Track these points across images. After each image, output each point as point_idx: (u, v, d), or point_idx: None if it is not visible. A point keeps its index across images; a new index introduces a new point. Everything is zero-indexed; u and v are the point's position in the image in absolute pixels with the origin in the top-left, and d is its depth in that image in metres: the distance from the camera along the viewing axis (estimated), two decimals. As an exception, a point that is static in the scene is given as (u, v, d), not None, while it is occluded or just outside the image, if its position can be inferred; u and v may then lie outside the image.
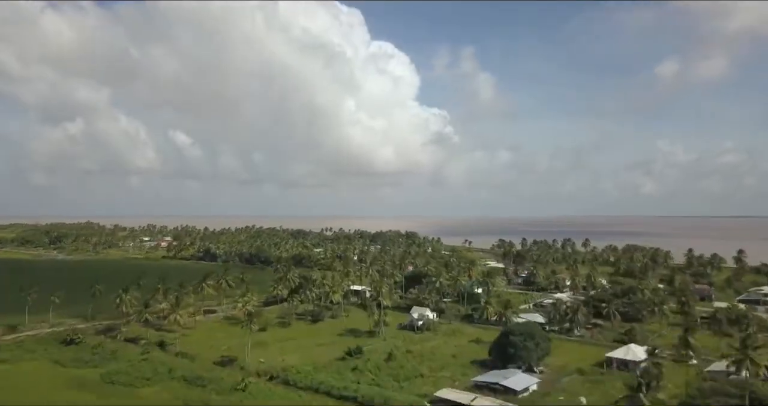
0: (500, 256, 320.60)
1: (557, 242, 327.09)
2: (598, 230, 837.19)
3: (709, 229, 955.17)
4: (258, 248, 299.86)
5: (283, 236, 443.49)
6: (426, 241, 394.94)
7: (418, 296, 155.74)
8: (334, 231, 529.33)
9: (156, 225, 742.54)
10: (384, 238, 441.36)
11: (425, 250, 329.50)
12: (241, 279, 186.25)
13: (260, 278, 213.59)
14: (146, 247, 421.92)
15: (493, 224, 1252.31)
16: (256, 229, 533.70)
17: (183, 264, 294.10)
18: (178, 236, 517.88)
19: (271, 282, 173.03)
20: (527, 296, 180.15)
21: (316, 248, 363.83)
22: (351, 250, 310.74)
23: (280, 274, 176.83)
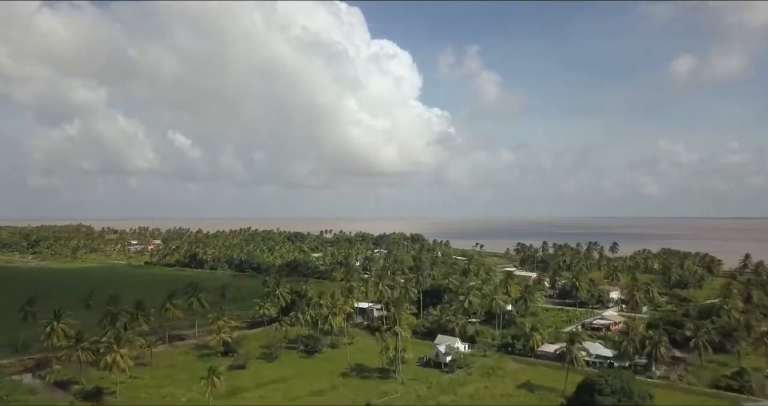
0: (518, 261, 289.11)
1: (581, 246, 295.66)
2: (610, 231, 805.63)
3: (734, 230, 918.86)
4: (249, 253, 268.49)
5: (279, 240, 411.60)
6: (435, 244, 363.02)
7: (440, 316, 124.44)
8: (334, 234, 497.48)
9: (148, 227, 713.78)
10: (388, 241, 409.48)
11: (435, 255, 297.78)
12: (221, 294, 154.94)
13: (248, 290, 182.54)
14: (131, 251, 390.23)
15: (498, 225, 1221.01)
16: (251, 231, 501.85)
17: (163, 272, 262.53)
18: (168, 239, 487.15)
19: (257, 299, 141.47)
20: (568, 313, 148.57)
21: (314, 252, 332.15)
22: (353, 255, 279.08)
23: (268, 287, 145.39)
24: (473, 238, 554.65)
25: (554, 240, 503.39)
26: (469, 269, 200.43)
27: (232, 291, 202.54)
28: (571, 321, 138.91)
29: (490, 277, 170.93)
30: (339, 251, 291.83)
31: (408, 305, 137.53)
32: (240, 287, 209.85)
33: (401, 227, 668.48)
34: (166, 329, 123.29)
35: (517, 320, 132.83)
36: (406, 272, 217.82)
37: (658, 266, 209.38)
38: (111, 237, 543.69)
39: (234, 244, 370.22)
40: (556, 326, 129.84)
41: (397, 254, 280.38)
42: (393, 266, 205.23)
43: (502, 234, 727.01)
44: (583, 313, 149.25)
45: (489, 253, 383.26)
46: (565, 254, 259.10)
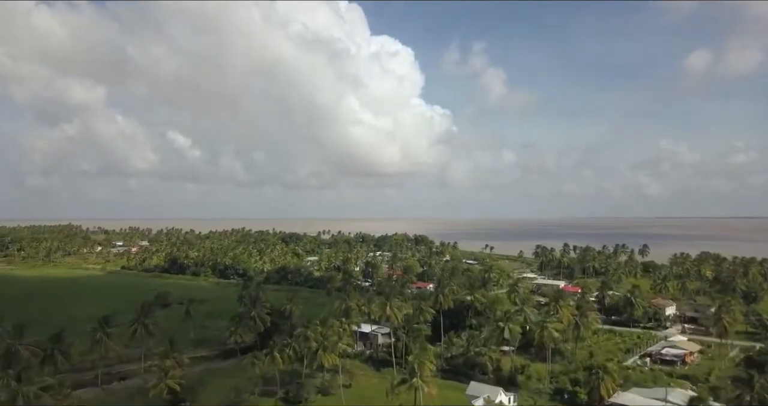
0: (537, 265, 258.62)
1: (608, 248, 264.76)
2: (623, 232, 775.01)
3: (755, 231, 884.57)
4: (235, 257, 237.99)
5: (273, 241, 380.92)
6: (443, 247, 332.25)
7: (466, 347, 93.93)
8: (333, 234, 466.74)
9: (139, 228, 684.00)
10: (390, 242, 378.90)
11: (445, 259, 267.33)
12: (186, 312, 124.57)
13: (229, 302, 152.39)
14: (112, 254, 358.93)
15: (502, 225, 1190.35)
16: (244, 232, 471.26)
17: (136, 280, 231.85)
18: (155, 240, 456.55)
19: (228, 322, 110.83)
20: (623, 338, 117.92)
21: (310, 255, 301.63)
22: (352, 259, 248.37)
23: (244, 306, 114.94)
24: (480, 239, 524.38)
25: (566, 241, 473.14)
26: (488, 278, 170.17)
27: (210, 304, 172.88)
28: (630, 349, 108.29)
29: (517, 290, 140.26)
30: (337, 255, 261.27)
31: (423, 326, 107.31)
32: (220, 299, 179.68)
33: (403, 227, 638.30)
34: (99, 365, 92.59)
35: (565, 350, 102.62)
36: (414, 279, 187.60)
37: (709, 274, 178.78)
38: (97, 238, 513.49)
39: (223, 246, 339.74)
40: (617, 360, 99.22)
41: (403, 257, 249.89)
42: (399, 277, 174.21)
43: (510, 235, 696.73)
44: (641, 336, 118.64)
45: (500, 255, 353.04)
46: (594, 258, 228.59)
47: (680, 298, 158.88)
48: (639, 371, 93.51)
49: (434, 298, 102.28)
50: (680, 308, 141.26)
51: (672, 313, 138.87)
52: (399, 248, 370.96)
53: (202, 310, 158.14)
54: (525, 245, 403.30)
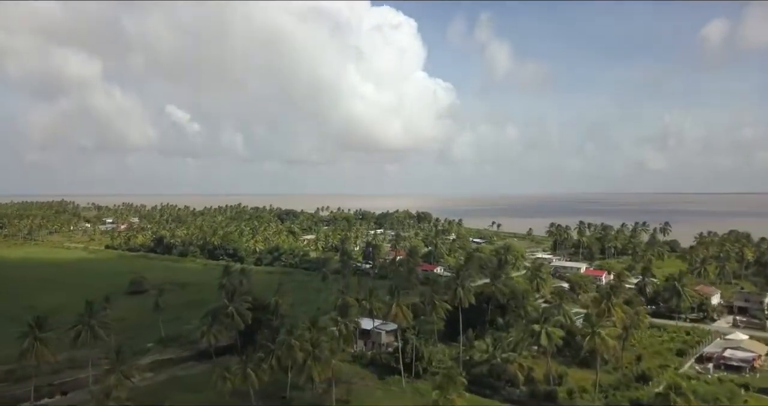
0: (551, 245, 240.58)
1: (627, 227, 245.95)
2: (633, 208, 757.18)
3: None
4: (224, 236, 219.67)
5: (268, 218, 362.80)
6: (448, 225, 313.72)
7: (492, 353, 75.81)
8: (332, 211, 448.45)
9: (133, 203, 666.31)
10: (391, 220, 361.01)
11: (450, 237, 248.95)
12: (155, 305, 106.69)
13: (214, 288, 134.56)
14: (100, 231, 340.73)
15: (505, 201, 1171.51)
16: (239, 208, 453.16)
17: (116, 261, 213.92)
18: (147, 216, 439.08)
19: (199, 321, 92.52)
20: (671, 334, 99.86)
21: (307, 233, 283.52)
22: (351, 238, 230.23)
23: (221, 301, 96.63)
24: (485, 216, 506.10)
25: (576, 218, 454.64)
26: (504, 260, 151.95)
27: (191, 291, 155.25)
28: (682, 351, 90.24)
29: (540, 276, 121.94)
30: (335, 234, 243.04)
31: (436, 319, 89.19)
32: (204, 284, 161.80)
33: (404, 203, 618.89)
34: (40, 372, 74.65)
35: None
36: (420, 261, 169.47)
37: (751, 256, 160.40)
38: (88, 215, 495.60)
39: (216, 223, 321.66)
40: (674, 366, 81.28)
41: (406, 236, 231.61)
42: (404, 259, 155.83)
43: (516, 211, 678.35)
44: (690, 332, 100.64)
45: (508, 233, 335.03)
46: (616, 237, 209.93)
47: (719, 284, 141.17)
48: (704, 381, 75.68)
49: (452, 292, 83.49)
50: (726, 297, 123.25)
51: (717, 302, 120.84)
52: (401, 226, 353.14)
53: (182, 298, 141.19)
54: (533, 222, 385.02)
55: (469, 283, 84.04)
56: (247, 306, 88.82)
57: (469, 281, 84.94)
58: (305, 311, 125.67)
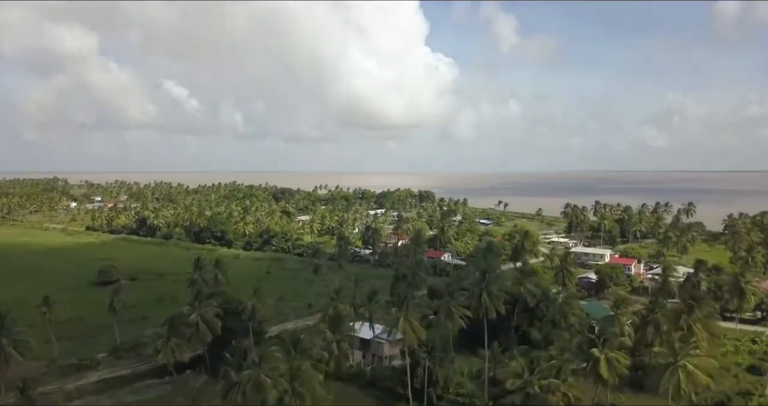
0: (565, 228, 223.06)
1: (647, 207, 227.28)
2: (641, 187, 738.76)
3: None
4: (211, 218, 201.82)
5: (263, 197, 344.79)
6: (454, 205, 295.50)
7: (526, 379, 58.39)
8: (330, 190, 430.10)
9: (126, 181, 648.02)
10: (392, 199, 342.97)
11: (456, 219, 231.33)
12: (109, 306, 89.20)
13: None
14: (84, 211, 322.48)
15: (509, 179, 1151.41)
16: (232, 187, 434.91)
17: (92, 246, 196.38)
18: (137, 195, 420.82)
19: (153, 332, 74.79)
20: (735, 342, 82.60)
21: (302, 213, 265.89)
22: (349, 221, 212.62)
23: (192, 294, 79.32)
24: (490, 195, 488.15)
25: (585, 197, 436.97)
26: (522, 247, 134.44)
27: (167, 282, 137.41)
28: (756, 367, 73.10)
29: (568, 269, 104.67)
30: (332, 215, 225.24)
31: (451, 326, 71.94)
32: (183, 274, 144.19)
33: (405, 181, 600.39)
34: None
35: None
36: (426, 247, 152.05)
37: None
38: (77, 193, 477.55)
39: (206, 202, 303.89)
40: (758, 393, 64.09)
41: (408, 217, 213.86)
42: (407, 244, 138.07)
43: (521, 190, 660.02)
44: (758, 340, 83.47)
45: (515, 213, 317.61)
46: (641, 220, 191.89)
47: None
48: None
49: (476, 299, 65.61)
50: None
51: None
52: (402, 206, 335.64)
53: (154, 291, 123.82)
54: (542, 201, 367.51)
55: (497, 287, 66.08)
56: (217, 312, 71.33)
57: (498, 284, 67.01)
58: (295, 308, 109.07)
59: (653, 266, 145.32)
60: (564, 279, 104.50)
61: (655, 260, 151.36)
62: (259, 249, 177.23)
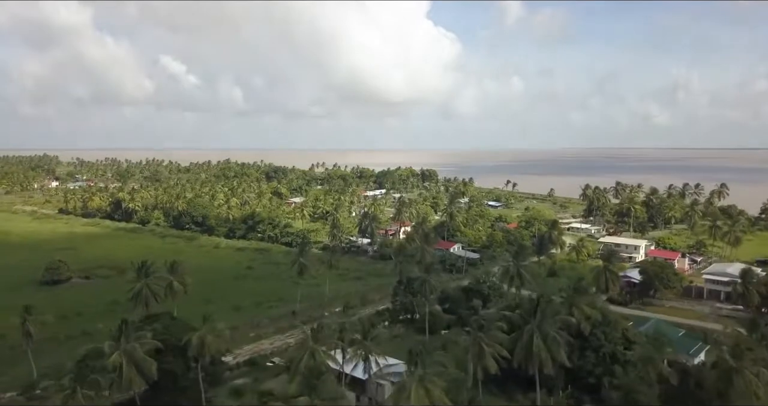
0: (584, 212, 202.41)
1: (674, 188, 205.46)
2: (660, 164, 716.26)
3: None
4: (191, 202, 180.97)
5: (256, 176, 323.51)
6: (462, 185, 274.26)
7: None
8: (326, 168, 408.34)
9: (116, 158, 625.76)
10: (392, 178, 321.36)
11: (464, 201, 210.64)
12: (26, 332, 68.59)
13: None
14: (64, 191, 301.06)
15: (512, 157, 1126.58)
16: (223, 165, 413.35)
17: (48, 235, 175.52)
18: (124, 174, 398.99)
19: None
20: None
21: (295, 194, 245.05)
22: (346, 203, 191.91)
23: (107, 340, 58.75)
24: (496, 173, 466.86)
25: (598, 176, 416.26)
26: (549, 239, 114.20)
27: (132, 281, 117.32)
28: None
29: (611, 269, 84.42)
30: (327, 197, 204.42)
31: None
32: None
33: (406, 159, 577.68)
34: None
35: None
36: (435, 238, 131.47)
37: None
38: (62, 170, 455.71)
39: (196, 181, 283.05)
40: None
41: (411, 200, 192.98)
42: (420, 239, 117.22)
43: (528, 168, 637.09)
44: None
45: (524, 194, 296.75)
46: (675, 204, 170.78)
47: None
48: None
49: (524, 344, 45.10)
50: None
51: None
52: (404, 186, 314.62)
53: (107, 295, 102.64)
54: (552, 181, 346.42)
55: (555, 326, 45.65)
56: (154, 346, 51.03)
57: (556, 323, 46.32)
58: (275, 318, 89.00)
59: (695, 259, 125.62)
60: (608, 283, 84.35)
61: (696, 251, 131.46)
62: (243, 237, 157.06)
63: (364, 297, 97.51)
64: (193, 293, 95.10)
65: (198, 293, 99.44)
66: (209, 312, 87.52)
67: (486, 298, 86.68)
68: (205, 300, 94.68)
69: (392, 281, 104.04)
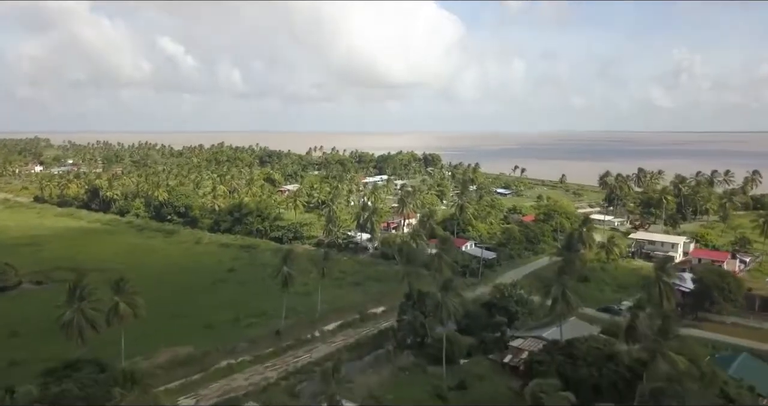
0: (604, 201, 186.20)
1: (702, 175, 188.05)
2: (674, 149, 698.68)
3: None
4: (173, 191, 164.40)
5: (249, 160, 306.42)
6: (469, 170, 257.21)
7: None
8: (324, 152, 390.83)
9: (107, 141, 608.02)
10: (393, 163, 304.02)
11: (472, 189, 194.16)
12: None
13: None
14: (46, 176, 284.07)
15: (515, 139, 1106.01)
16: (216, 149, 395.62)
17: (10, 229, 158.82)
18: (111, 158, 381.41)
19: None
20: None
21: (289, 181, 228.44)
22: (343, 191, 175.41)
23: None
24: (501, 157, 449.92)
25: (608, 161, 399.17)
26: (581, 237, 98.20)
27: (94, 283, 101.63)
28: None
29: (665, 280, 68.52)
30: (323, 185, 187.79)
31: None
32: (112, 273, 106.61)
33: (408, 142, 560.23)
34: None
35: None
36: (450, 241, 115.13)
37: None
38: (49, 154, 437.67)
39: (188, 166, 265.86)
40: None
41: (415, 188, 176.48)
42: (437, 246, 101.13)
43: (534, 152, 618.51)
44: None
45: (534, 180, 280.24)
46: (710, 194, 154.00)
47: None
48: None
49: None
50: None
51: None
52: (405, 171, 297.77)
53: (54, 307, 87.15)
54: (563, 166, 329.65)
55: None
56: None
57: None
58: (254, 340, 72.43)
59: (744, 260, 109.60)
60: (663, 296, 68.41)
61: (741, 250, 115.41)
62: (228, 230, 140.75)
63: (363, 310, 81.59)
64: (161, 304, 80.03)
65: (167, 302, 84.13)
66: (175, 331, 72.01)
67: (512, 315, 71.09)
68: (173, 315, 78.94)
69: (396, 288, 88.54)
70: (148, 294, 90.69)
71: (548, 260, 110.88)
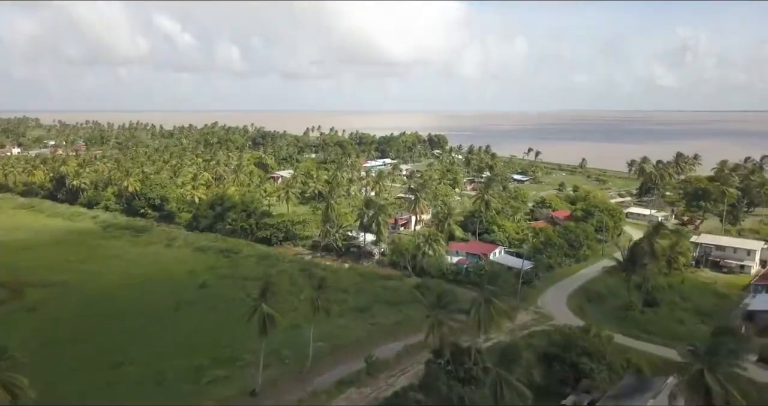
0: (636, 191, 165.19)
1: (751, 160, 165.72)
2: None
3: None
4: (146, 181, 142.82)
5: (241, 142, 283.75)
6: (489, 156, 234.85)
7: None
8: (322, 133, 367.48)
9: (97, 121, 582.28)
10: (396, 145, 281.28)
11: (484, 176, 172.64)
12: None
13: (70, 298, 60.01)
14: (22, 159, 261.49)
15: (519, 119, 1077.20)
16: (208, 129, 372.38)
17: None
18: (97, 139, 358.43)
19: None
20: None
21: (283, 166, 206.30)
22: (343, 181, 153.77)
23: None
24: (510, 139, 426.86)
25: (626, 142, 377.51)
26: (652, 249, 77.21)
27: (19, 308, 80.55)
28: None
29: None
30: (320, 171, 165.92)
31: None
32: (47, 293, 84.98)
33: (409, 122, 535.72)
34: None
35: None
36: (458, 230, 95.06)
37: None
38: (32, 135, 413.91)
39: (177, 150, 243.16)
40: None
41: (424, 178, 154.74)
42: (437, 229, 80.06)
43: (543, 133, 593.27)
44: None
45: (550, 164, 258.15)
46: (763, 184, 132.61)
47: None
48: None
49: None
50: None
51: None
52: (410, 154, 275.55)
53: None
54: (577, 148, 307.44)
55: None
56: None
57: None
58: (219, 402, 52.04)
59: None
60: None
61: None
62: (209, 228, 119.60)
63: (371, 352, 60.36)
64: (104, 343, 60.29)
65: (113, 339, 63.96)
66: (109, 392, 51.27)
67: (585, 374, 50.39)
68: (115, 363, 58.25)
69: (414, 315, 68.20)
70: (88, 328, 70.10)
71: (596, 271, 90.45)
